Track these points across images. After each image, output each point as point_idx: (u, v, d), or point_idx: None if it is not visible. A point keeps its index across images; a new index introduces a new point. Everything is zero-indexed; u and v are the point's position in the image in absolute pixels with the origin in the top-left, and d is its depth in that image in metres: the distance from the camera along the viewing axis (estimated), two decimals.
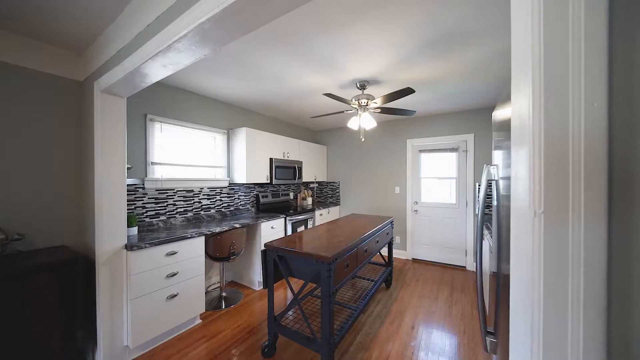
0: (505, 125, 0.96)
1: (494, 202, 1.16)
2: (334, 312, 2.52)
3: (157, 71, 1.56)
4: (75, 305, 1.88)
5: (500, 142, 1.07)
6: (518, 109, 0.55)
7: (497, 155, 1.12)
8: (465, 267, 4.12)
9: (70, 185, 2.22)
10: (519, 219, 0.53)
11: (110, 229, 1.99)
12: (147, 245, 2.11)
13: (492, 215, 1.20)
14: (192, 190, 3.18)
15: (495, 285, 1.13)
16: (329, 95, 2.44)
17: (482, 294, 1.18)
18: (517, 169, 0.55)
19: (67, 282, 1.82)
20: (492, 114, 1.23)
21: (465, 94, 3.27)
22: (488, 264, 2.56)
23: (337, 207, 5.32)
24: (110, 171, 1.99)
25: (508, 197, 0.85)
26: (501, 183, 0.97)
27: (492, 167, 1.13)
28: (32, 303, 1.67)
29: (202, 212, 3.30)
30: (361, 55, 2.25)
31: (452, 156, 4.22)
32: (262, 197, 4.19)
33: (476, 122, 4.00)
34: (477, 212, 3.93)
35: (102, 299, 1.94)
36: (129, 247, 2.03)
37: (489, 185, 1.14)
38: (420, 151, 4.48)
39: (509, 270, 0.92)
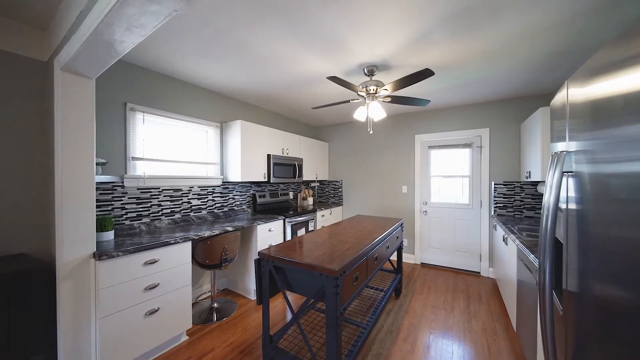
0: (600, 108, 0.65)
1: (570, 204, 0.84)
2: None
3: (121, 37, 1.24)
4: (28, 326, 1.56)
5: (583, 131, 0.75)
6: None
7: (576, 147, 0.80)
8: (479, 272, 3.80)
9: (34, 184, 1.91)
10: None
11: (75, 234, 1.67)
12: (121, 253, 1.78)
13: (564, 220, 0.88)
14: (180, 189, 2.86)
15: (574, 311, 0.81)
16: (334, 78, 2.12)
17: (553, 329, 0.85)
18: None
19: (17, 298, 1.50)
20: (565, 93, 0.90)
21: (483, 82, 2.95)
22: (515, 273, 2.24)
23: (340, 208, 5.00)
24: (74, 165, 1.67)
25: (626, 201, 0.54)
26: (603, 181, 0.65)
27: (570, 155, 0.81)
28: None
29: (191, 214, 2.98)
30: (371, 33, 1.93)
31: (465, 152, 3.89)
32: (260, 196, 3.87)
33: (492, 115, 3.68)
34: (497, 214, 3.61)
35: (64, 320, 1.62)
36: (98, 256, 1.70)
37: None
38: (430, 147, 4.15)
39: (609, 294, 0.61)
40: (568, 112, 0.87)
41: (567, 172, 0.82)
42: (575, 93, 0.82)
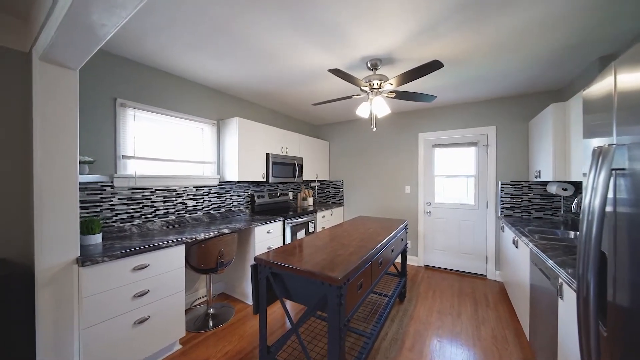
0: None
1: (619, 207, 0.71)
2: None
3: (100, 19, 1.11)
4: (4, 338, 1.43)
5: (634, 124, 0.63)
6: None
7: (630, 141, 0.67)
8: (485, 275, 3.67)
9: (16, 183, 1.78)
10: None
11: (56, 238, 1.54)
12: (107, 259, 1.66)
13: (608, 225, 0.75)
14: (174, 190, 2.73)
15: (624, 328, 0.68)
16: (336, 71, 1.99)
17: (599, 349, 0.72)
18: None
19: None
20: (612, 80, 0.77)
21: (489, 78, 2.82)
22: (527, 277, 2.12)
23: (341, 208, 4.87)
24: (55, 163, 1.54)
25: None
26: None
27: (622, 149, 0.68)
28: None
29: (186, 215, 2.85)
30: (375, 24, 1.80)
31: (471, 151, 3.76)
32: (258, 197, 3.74)
33: (499, 112, 3.55)
34: (504, 215, 3.48)
35: (43, 331, 1.49)
36: (82, 261, 1.57)
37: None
38: (434, 146, 4.02)
39: None
40: (616, 101, 0.73)
41: (617, 169, 0.70)
42: (628, 79, 0.69)
